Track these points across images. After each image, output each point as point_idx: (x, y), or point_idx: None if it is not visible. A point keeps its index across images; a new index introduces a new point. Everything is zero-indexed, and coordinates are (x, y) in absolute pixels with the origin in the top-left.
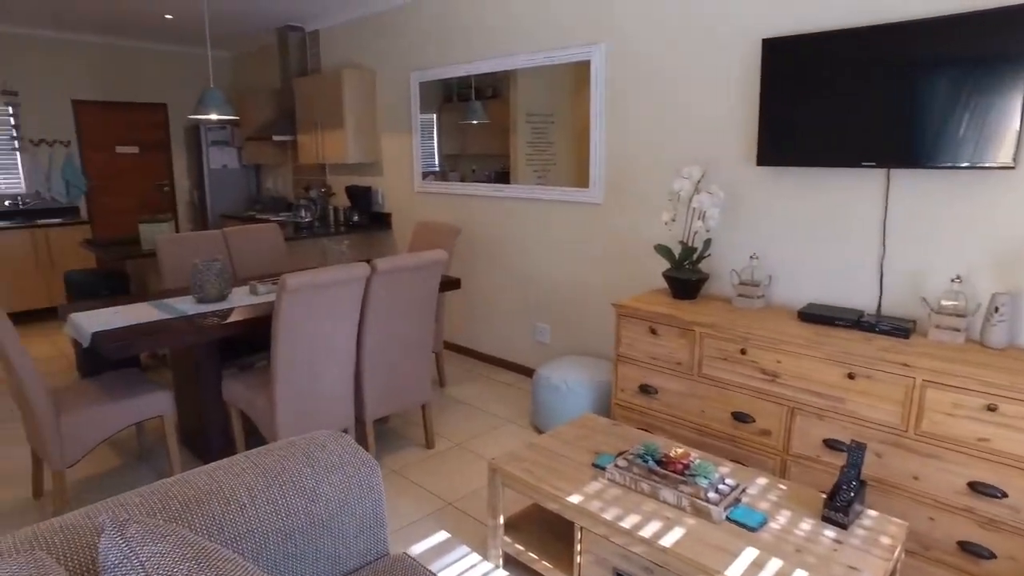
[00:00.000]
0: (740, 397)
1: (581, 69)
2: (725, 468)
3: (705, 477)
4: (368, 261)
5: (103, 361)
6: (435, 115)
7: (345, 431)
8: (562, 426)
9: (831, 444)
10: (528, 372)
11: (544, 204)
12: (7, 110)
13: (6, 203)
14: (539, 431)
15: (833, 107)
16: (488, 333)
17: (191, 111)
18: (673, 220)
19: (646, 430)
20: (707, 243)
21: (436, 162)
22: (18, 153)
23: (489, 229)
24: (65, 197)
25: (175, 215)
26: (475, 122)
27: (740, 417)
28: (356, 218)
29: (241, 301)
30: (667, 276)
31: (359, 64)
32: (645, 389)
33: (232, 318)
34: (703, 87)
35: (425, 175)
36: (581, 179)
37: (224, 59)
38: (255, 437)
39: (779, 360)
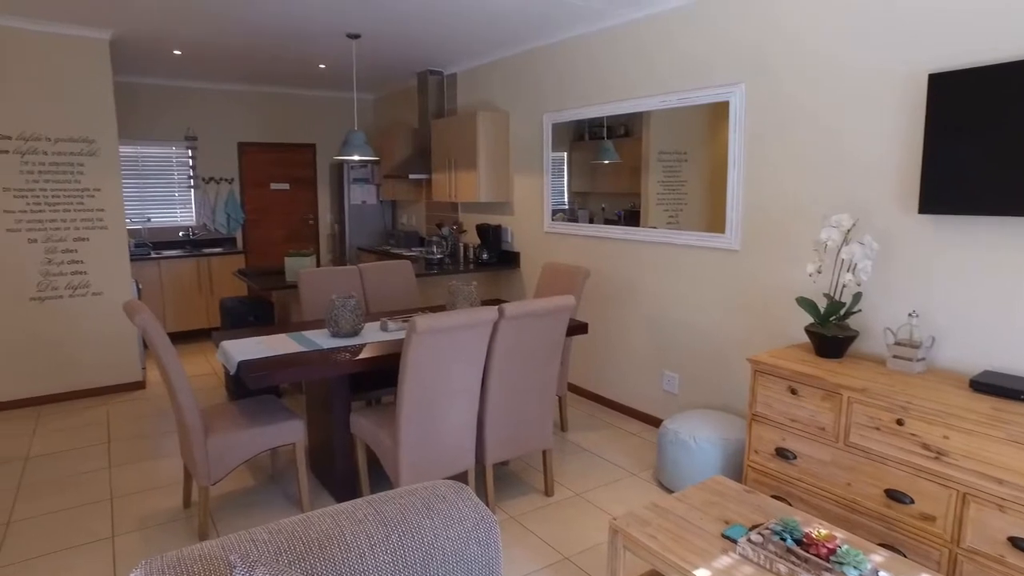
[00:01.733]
0: (896, 474)
1: (718, 105)
2: (879, 557)
3: (855, 567)
4: (497, 303)
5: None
6: (565, 153)
7: (465, 473)
8: (690, 488)
9: (1020, 544)
10: (654, 422)
11: (677, 249)
12: (187, 153)
13: (179, 234)
14: (664, 487)
15: (1011, 149)
16: (614, 378)
17: (336, 150)
18: (819, 271)
19: (782, 499)
20: (857, 297)
21: (565, 200)
22: (192, 190)
23: (618, 272)
24: (226, 229)
25: (317, 247)
26: (607, 162)
27: (896, 496)
28: (485, 256)
29: (373, 337)
30: (810, 331)
31: (493, 105)
32: (782, 453)
33: (363, 354)
34: (854, 127)
35: (555, 214)
36: (715, 223)
37: (367, 101)
38: (377, 467)
39: (946, 436)
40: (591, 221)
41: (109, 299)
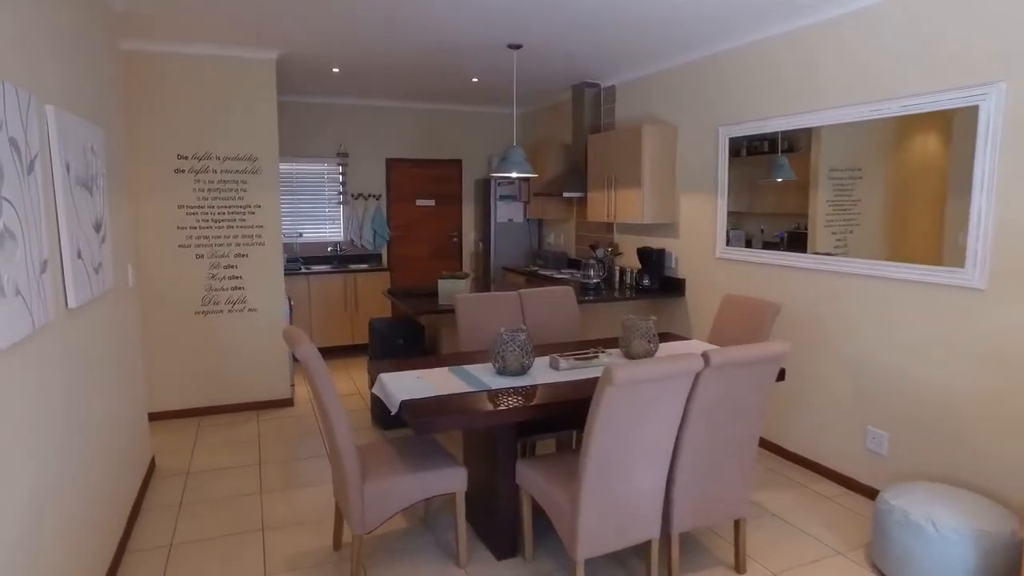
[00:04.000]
0: None
1: (907, 117)
2: None
3: None
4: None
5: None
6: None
7: (649, 543)
8: None
9: None
10: (854, 486)
11: (891, 284)
12: (338, 169)
13: (328, 249)
14: (882, 574)
15: None
16: (801, 430)
17: (482, 165)
18: None
19: None
20: None
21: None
22: (341, 206)
23: (810, 306)
24: (371, 245)
25: (460, 265)
26: (780, 179)
27: None
28: (647, 282)
29: (543, 377)
30: None
31: (657, 119)
32: None
33: (537, 399)
34: None
35: (730, 240)
36: (928, 252)
37: (509, 117)
38: (542, 519)
39: None
40: (748, 244)
41: (263, 315)
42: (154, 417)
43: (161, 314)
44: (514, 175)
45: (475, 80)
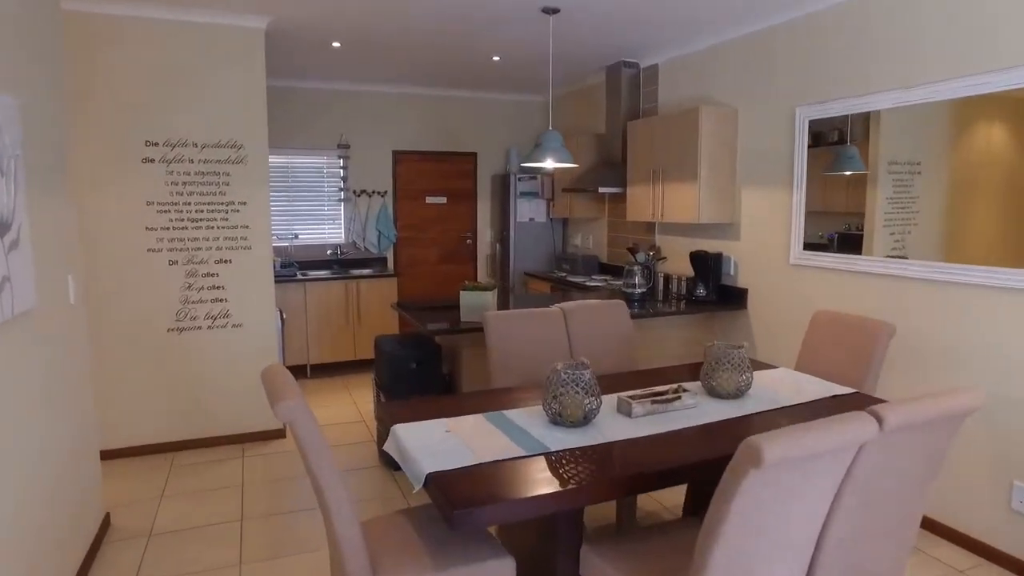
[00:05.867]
0: None
1: (977, 100)
2: None
3: None
4: (874, 414)
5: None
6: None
7: None
8: None
9: None
10: (997, 557)
11: None
12: (339, 163)
13: (327, 252)
14: None
15: None
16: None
17: (500, 159)
18: None
19: None
20: None
21: None
22: (342, 204)
23: (923, 327)
24: (376, 247)
25: (475, 270)
26: (848, 173)
27: None
28: (701, 292)
29: (615, 429)
30: None
31: (711, 101)
32: None
33: (618, 467)
34: None
35: (809, 245)
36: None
37: (537, 104)
38: None
39: None
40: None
41: (250, 331)
42: (116, 455)
43: (125, 332)
44: (550, 165)
45: (496, 59)
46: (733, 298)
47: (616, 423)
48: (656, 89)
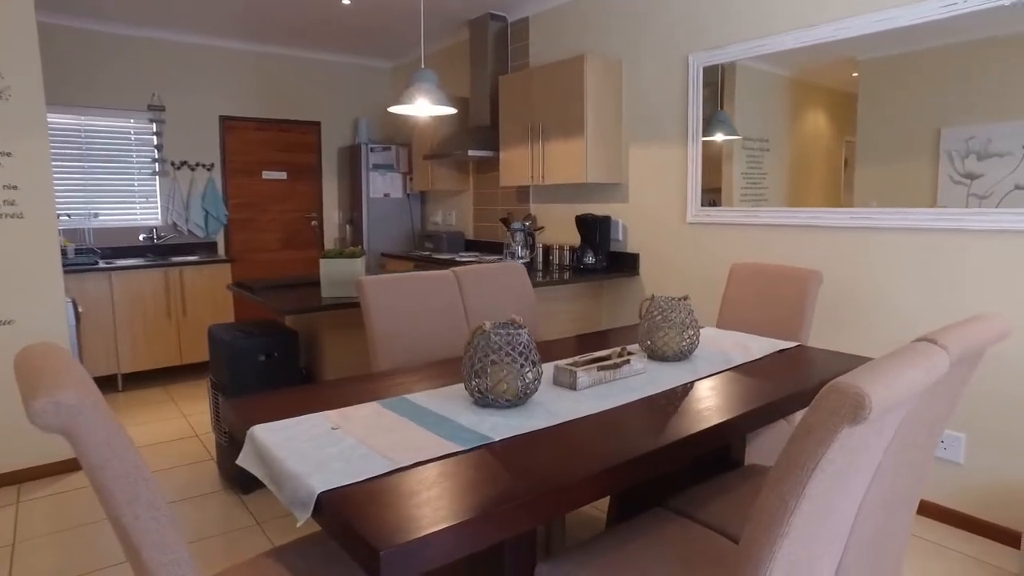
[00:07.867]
0: None
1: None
2: None
3: None
4: (934, 340)
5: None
6: None
7: None
8: None
9: None
10: (936, 512)
11: (963, 237)
12: (151, 127)
13: (140, 237)
14: None
15: None
16: None
17: (347, 130)
18: None
19: None
20: None
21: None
22: (158, 178)
23: (840, 276)
24: (203, 231)
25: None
26: (721, 137)
27: None
28: (590, 259)
29: (559, 405)
30: None
31: (591, 53)
32: None
33: (588, 455)
34: None
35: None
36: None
37: (380, 72)
38: None
39: None
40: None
41: (24, 331)
42: None
43: None
44: (424, 110)
45: (346, 2)
46: (623, 264)
47: (561, 398)
48: (527, 45)
